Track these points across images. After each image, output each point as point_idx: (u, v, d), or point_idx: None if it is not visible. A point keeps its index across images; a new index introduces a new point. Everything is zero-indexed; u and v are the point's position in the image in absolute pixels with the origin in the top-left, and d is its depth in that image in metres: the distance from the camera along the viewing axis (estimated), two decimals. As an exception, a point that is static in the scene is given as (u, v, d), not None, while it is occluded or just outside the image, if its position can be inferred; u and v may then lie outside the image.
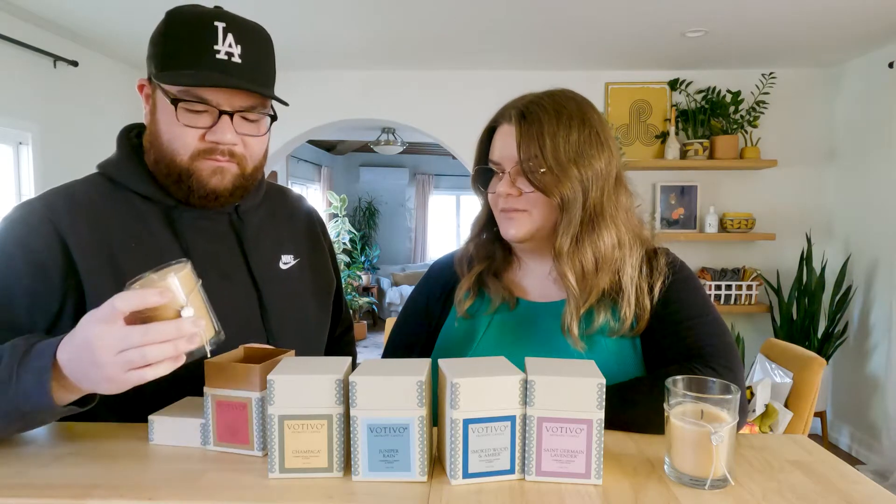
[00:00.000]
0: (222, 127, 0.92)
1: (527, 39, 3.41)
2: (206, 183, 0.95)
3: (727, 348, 0.95)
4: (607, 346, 0.99)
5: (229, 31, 0.91)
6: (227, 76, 0.91)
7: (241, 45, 0.92)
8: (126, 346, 0.68)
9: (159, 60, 0.93)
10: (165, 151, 0.94)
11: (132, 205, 0.98)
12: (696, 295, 1.01)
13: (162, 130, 0.94)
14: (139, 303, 0.69)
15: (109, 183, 0.99)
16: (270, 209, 1.12)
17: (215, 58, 0.90)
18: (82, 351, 0.70)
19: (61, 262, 0.91)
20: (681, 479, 0.71)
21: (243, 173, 0.98)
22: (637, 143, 3.99)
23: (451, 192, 9.49)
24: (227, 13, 0.94)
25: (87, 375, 0.71)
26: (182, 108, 0.91)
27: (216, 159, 0.94)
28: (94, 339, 0.69)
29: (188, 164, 0.94)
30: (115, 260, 0.93)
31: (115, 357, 0.68)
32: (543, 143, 0.95)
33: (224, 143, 0.93)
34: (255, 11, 2.91)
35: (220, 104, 0.91)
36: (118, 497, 0.67)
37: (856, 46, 3.49)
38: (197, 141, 0.93)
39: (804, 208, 3.98)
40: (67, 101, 3.42)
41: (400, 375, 0.71)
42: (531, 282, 1.09)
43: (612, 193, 1.00)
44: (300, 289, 1.10)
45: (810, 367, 2.07)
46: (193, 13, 0.93)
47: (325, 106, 4.14)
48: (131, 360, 0.68)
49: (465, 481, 0.71)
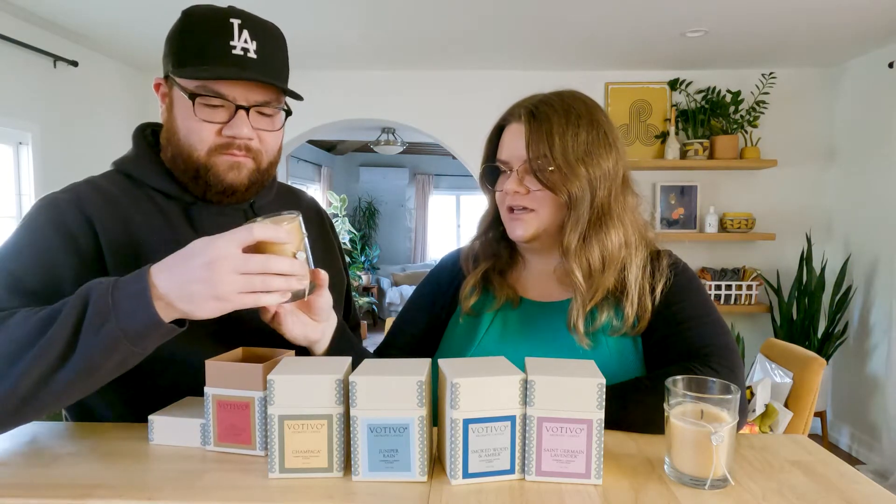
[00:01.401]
0: (239, 121, 0.93)
1: (527, 39, 3.41)
2: (224, 178, 0.96)
3: (727, 349, 0.95)
4: (608, 344, 0.99)
5: (244, 27, 0.93)
6: (243, 70, 0.92)
7: (257, 41, 0.94)
8: (248, 269, 0.74)
9: (176, 58, 0.94)
10: (183, 147, 0.95)
11: (152, 200, 0.99)
12: (698, 296, 1.02)
13: (179, 126, 0.96)
14: (273, 235, 0.77)
15: (128, 179, 1.01)
16: (282, 208, 1.13)
17: (232, 53, 0.92)
18: (195, 268, 0.73)
19: (92, 243, 0.92)
20: (681, 479, 0.71)
21: (259, 168, 0.99)
22: (637, 143, 3.99)
23: (451, 192, 9.49)
24: (242, 11, 0.96)
25: (193, 293, 0.74)
26: (199, 103, 0.92)
27: (233, 154, 0.95)
28: (217, 257, 0.73)
29: (205, 159, 0.95)
30: (138, 251, 0.94)
31: (235, 277, 0.74)
32: (552, 141, 0.96)
33: (241, 137, 0.94)
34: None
35: (236, 99, 0.93)
36: (118, 497, 0.67)
37: (856, 46, 3.49)
38: (214, 136, 0.94)
39: (804, 208, 3.98)
40: (67, 101, 3.42)
41: (400, 375, 0.71)
42: (535, 281, 1.09)
43: (619, 194, 1.01)
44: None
45: (810, 367, 2.07)
46: (209, 10, 0.94)
47: (325, 106, 4.14)
48: (252, 283, 0.75)
49: (465, 481, 0.71)
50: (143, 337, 0.75)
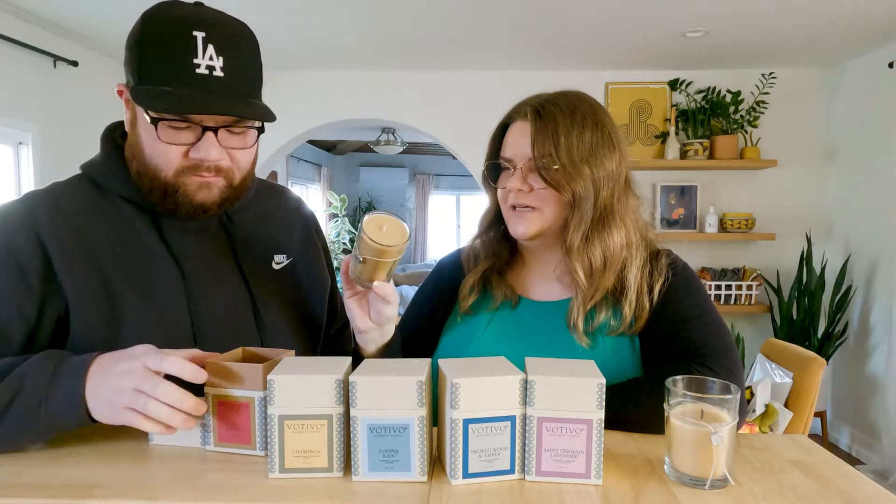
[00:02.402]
0: (206, 144, 0.87)
1: (527, 39, 3.41)
2: (193, 198, 0.91)
3: (726, 349, 0.95)
4: (606, 344, 0.99)
5: (209, 41, 0.85)
6: (207, 94, 0.85)
7: (223, 57, 0.86)
8: (142, 386, 0.72)
9: (136, 70, 0.87)
10: (149, 166, 0.90)
11: (117, 207, 0.95)
12: (697, 296, 1.02)
13: (144, 145, 0.90)
14: (178, 372, 0.73)
15: (93, 185, 0.96)
16: (261, 208, 1.09)
17: (195, 73, 0.84)
18: (116, 373, 0.74)
19: (40, 267, 0.88)
20: (681, 479, 0.71)
21: (231, 185, 0.93)
22: (637, 143, 3.99)
23: (451, 192, 9.49)
24: (207, 16, 0.88)
25: (99, 391, 0.75)
26: (163, 126, 0.86)
27: (202, 175, 0.90)
28: (130, 366, 0.74)
29: (173, 179, 0.90)
30: (99, 264, 0.90)
31: (130, 392, 0.73)
32: (558, 141, 0.97)
33: (209, 160, 0.88)
34: (256, 11, 2.92)
35: (202, 120, 0.87)
36: (118, 497, 0.67)
37: (856, 46, 3.49)
38: (180, 158, 0.88)
39: (804, 208, 3.98)
40: (67, 101, 3.42)
41: (400, 375, 0.71)
42: (534, 281, 1.10)
43: (622, 195, 1.02)
44: (294, 289, 1.08)
45: (810, 367, 2.07)
46: (170, 19, 0.86)
47: (325, 106, 4.14)
48: (136, 401, 0.72)
49: (465, 481, 0.71)
50: (68, 427, 0.78)
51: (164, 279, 0.94)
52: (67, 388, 0.76)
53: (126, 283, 0.91)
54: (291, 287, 1.08)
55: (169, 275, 0.94)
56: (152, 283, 0.93)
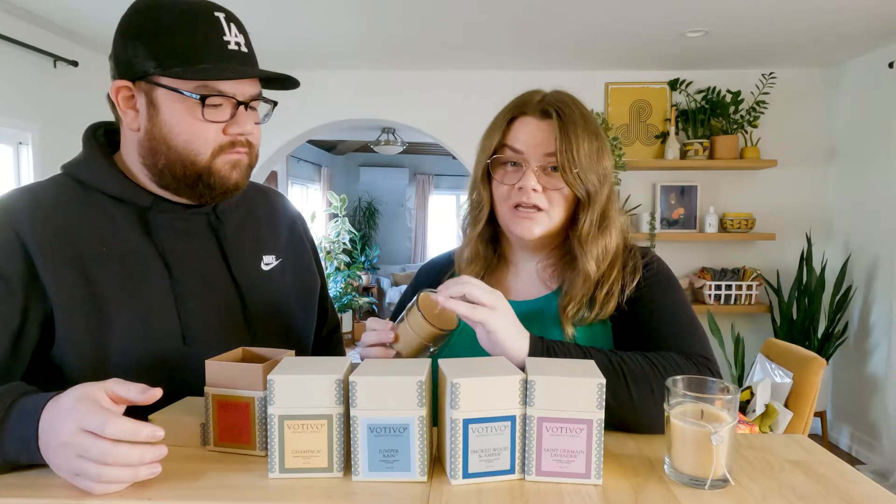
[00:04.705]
0: (244, 118, 0.92)
1: (527, 39, 3.41)
2: (228, 178, 0.93)
3: (699, 341, 0.96)
4: (579, 334, 1.00)
5: (230, 21, 0.91)
6: (243, 66, 0.91)
7: (242, 35, 0.92)
8: (88, 454, 0.65)
9: (154, 57, 0.88)
10: (183, 153, 0.90)
11: (101, 207, 0.93)
12: (669, 290, 1.03)
13: (176, 132, 0.89)
14: (130, 435, 0.66)
15: (76, 184, 0.94)
16: (250, 209, 1.09)
17: (228, 49, 0.89)
18: (58, 442, 0.67)
19: (22, 271, 0.85)
20: (681, 479, 0.71)
21: (251, 163, 0.97)
22: (637, 143, 3.99)
23: (451, 192, 9.49)
24: (214, 2, 0.92)
25: (49, 455, 0.69)
26: (206, 104, 0.89)
27: (237, 151, 0.93)
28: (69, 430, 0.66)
29: (209, 161, 0.91)
30: (83, 265, 0.89)
31: (76, 460, 0.66)
32: (580, 143, 0.98)
33: (246, 133, 0.93)
34: (254, 11, 2.91)
35: (236, 95, 0.90)
36: (118, 497, 0.67)
37: (856, 46, 3.49)
38: (219, 135, 0.91)
39: (804, 208, 3.98)
40: (67, 101, 3.42)
41: (400, 375, 0.71)
42: (516, 281, 1.10)
43: (612, 196, 1.05)
44: (283, 290, 1.08)
45: (810, 367, 2.07)
46: (187, 3, 0.89)
47: (325, 106, 4.13)
48: (86, 471, 0.65)
49: (465, 481, 0.71)
50: (21, 464, 0.72)
51: (151, 278, 0.93)
52: (18, 438, 0.70)
53: (112, 282, 0.90)
54: (281, 288, 1.07)
55: (156, 274, 0.93)
56: (139, 282, 0.92)
